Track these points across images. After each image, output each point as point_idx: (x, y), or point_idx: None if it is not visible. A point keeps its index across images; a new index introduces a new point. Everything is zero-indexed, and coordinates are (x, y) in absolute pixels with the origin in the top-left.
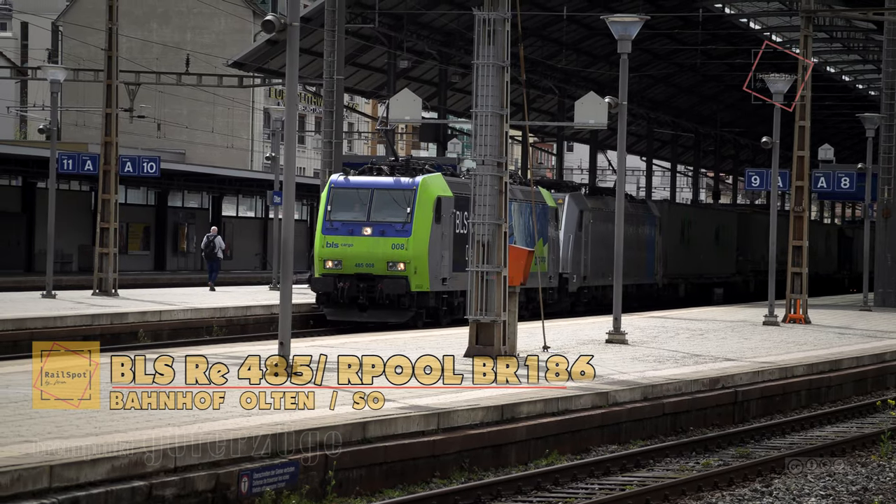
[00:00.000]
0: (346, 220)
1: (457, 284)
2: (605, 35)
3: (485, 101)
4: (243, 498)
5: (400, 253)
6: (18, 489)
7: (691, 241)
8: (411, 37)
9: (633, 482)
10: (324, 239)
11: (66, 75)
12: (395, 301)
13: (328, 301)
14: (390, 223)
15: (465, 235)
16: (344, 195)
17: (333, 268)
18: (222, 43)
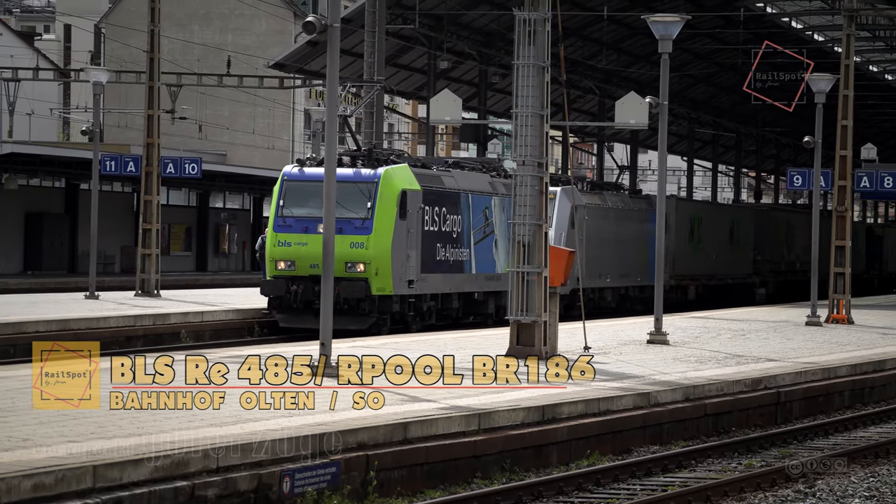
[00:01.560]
0: (300, 216)
1: (426, 287)
2: (645, 35)
3: (525, 101)
4: (285, 498)
5: (359, 252)
6: (62, 489)
7: (702, 240)
8: (451, 37)
9: (675, 483)
10: (275, 237)
11: (108, 77)
12: (355, 306)
13: (280, 306)
14: (348, 219)
15: (436, 233)
16: (298, 189)
17: (286, 269)
18: (263, 44)
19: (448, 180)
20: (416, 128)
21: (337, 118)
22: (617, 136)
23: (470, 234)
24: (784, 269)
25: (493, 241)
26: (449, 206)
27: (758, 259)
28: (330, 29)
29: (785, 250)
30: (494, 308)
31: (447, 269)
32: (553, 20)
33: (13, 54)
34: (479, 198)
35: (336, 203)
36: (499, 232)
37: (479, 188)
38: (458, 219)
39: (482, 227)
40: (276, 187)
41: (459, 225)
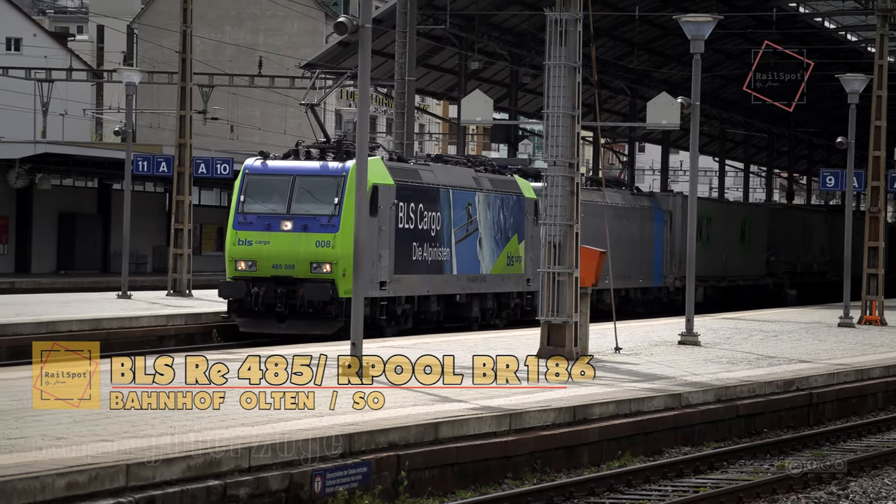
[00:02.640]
0: (262, 212)
1: (400, 289)
2: (677, 35)
3: (556, 101)
4: (316, 498)
5: (325, 252)
6: (96, 487)
7: (711, 240)
8: (482, 38)
9: (707, 484)
10: (235, 235)
11: (140, 78)
12: (320, 309)
13: (241, 309)
14: (314, 216)
15: (411, 231)
16: (260, 183)
17: (247, 270)
18: (294, 45)
19: (426, 174)
20: (447, 128)
21: (368, 118)
22: (648, 137)
23: (450, 233)
24: (800, 270)
25: (476, 240)
26: (427, 202)
27: (772, 260)
28: (361, 29)
29: (801, 251)
30: (479, 311)
31: (424, 269)
32: (584, 20)
33: (47, 55)
34: (460, 193)
35: (300, 199)
36: (483, 230)
37: (461, 183)
38: (437, 216)
39: (464, 224)
40: (236, 181)
41: (438, 222)
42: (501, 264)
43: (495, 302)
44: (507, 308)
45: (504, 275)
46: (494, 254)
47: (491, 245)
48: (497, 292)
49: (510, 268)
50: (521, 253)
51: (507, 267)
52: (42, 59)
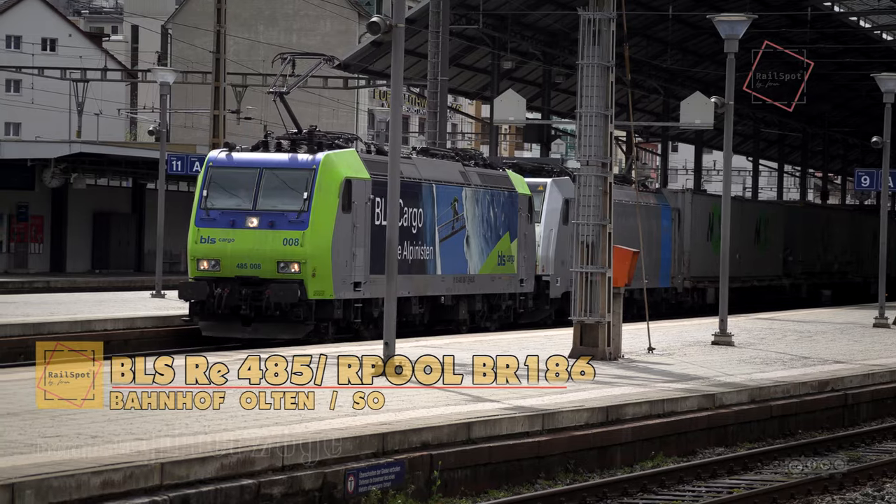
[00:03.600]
0: (227, 208)
1: (377, 290)
2: (711, 34)
3: (589, 101)
4: (350, 497)
5: (293, 250)
6: (131, 486)
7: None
8: (515, 37)
9: (741, 485)
10: (197, 232)
11: (174, 77)
12: (288, 312)
13: (203, 312)
14: (282, 212)
15: None
16: (224, 177)
17: (209, 269)
18: (328, 45)
19: (407, 168)
20: (480, 128)
21: (401, 118)
22: (681, 137)
23: (434, 230)
24: (819, 270)
25: (463, 238)
26: (407, 198)
27: (789, 259)
28: (394, 29)
29: (821, 250)
30: (467, 314)
31: (405, 269)
32: (618, 20)
33: (82, 55)
34: (446, 188)
35: (267, 193)
36: (471, 227)
37: (447, 178)
38: (419, 212)
39: (450, 221)
40: (199, 175)
41: (420, 219)
42: (491, 264)
43: (485, 304)
44: (498, 310)
45: (494, 275)
46: (484, 253)
47: (480, 243)
48: (487, 294)
49: (501, 268)
50: (513, 252)
51: (497, 267)
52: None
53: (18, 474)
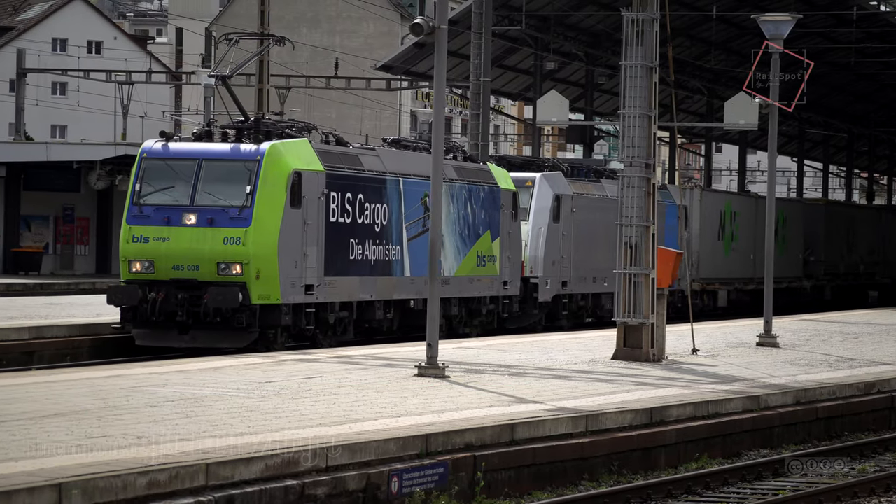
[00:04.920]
0: (162, 204)
1: (333, 294)
2: (755, 34)
3: (633, 102)
4: (393, 498)
5: (235, 250)
6: (176, 486)
7: (737, 238)
8: (558, 38)
9: (787, 487)
10: (129, 231)
11: None
12: (229, 318)
13: (136, 319)
14: (222, 208)
15: (348, 226)
16: (159, 169)
17: (142, 272)
18: (370, 46)
19: (369, 160)
20: (522, 129)
21: (444, 119)
22: (725, 137)
23: (401, 228)
24: (844, 271)
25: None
26: (368, 193)
27: (810, 260)
28: (437, 31)
29: (845, 250)
30: (443, 319)
31: (366, 271)
32: (661, 20)
33: (127, 58)
34: (415, 183)
35: (207, 187)
36: (445, 225)
37: (416, 171)
38: (383, 208)
39: (420, 219)
40: (133, 168)
41: (385, 216)
42: (469, 265)
43: (463, 308)
44: (478, 315)
45: (473, 277)
46: (460, 253)
47: (455, 243)
48: (465, 297)
49: (481, 269)
50: (495, 252)
51: (476, 268)
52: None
53: (65, 474)
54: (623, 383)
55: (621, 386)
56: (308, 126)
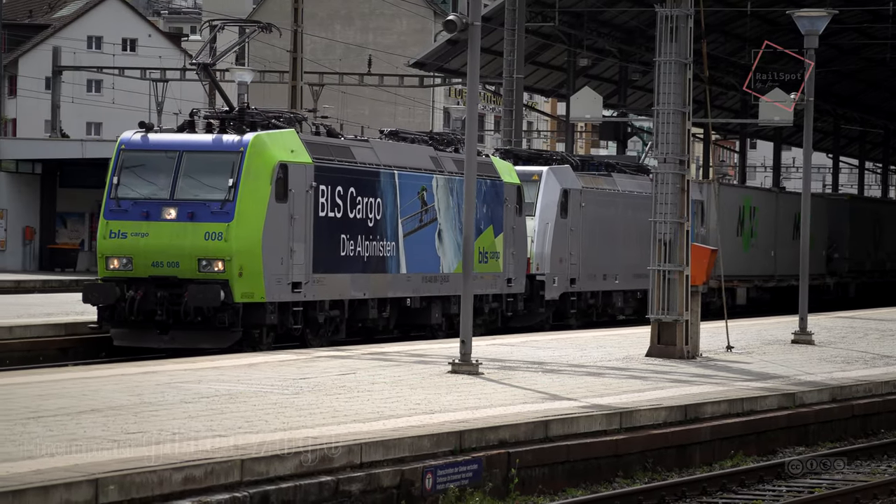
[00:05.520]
0: (140, 197)
1: (322, 292)
2: (790, 30)
3: (666, 98)
4: (427, 495)
5: (217, 246)
6: (211, 482)
7: (756, 234)
8: (591, 35)
9: (822, 485)
10: (106, 226)
11: (252, 77)
12: (211, 317)
13: (114, 318)
14: (203, 202)
15: (339, 221)
16: (138, 161)
17: (120, 269)
18: (403, 43)
19: (361, 153)
20: (555, 126)
21: (477, 116)
22: (759, 134)
23: (397, 223)
24: (869, 268)
25: (435, 233)
26: (361, 186)
27: (834, 257)
28: (471, 27)
29: (871, 247)
30: (441, 318)
31: (358, 267)
32: (695, 16)
33: (161, 55)
34: (411, 176)
35: (187, 180)
36: (444, 220)
37: (414, 164)
38: (377, 202)
39: (417, 213)
40: (111, 160)
41: (379, 210)
42: None
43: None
44: (481, 314)
45: (475, 274)
46: (461, 249)
47: (455, 238)
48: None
49: (483, 266)
50: (498, 248)
51: (478, 265)
52: (157, 59)
53: (102, 469)
54: (657, 380)
55: (655, 383)
56: (298, 117)
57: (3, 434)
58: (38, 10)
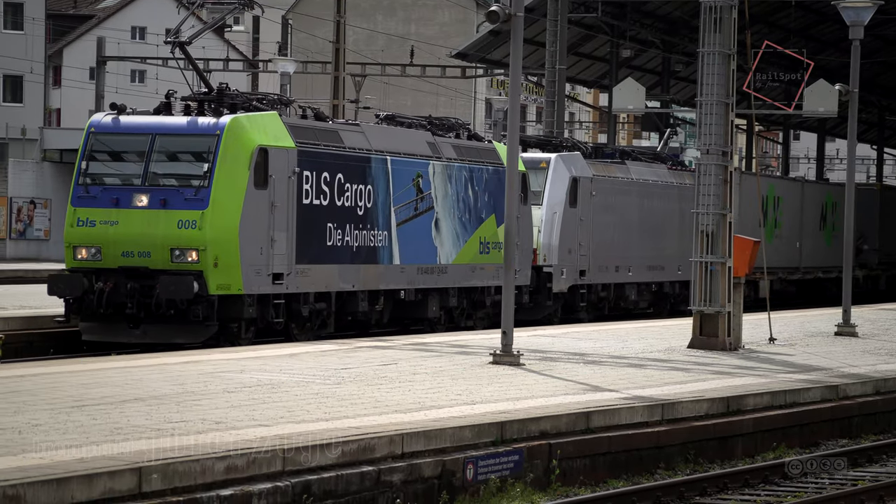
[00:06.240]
0: (110, 183)
1: (306, 283)
2: (835, 21)
3: (710, 89)
4: (469, 485)
5: (190, 235)
6: (254, 472)
7: (781, 224)
8: (634, 25)
9: (866, 477)
10: (74, 213)
11: (295, 68)
12: (185, 310)
13: (82, 311)
14: (177, 188)
15: (325, 209)
16: (108, 145)
17: (89, 259)
18: (446, 34)
19: (350, 137)
20: (597, 117)
21: (519, 107)
22: (803, 125)
23: (389, 212)
24: None
25: (431, 222)
26: (349, 172)
27: (864, 248)
28: (513, 18)
29: None
30: (439, 310)
31: (347, 258)
32: (739, 7)
33: (204, 46)
34: (405, 162)
35: (160, 165)
36: (442, 209)
37: (408, 149)
38: (368, 189)
39: (412, 201)
40: (80, 144)
41: (369, 198)
42: (471, 252)
43: (464, 299)
44: (482, 306)
45: (475, 265)
46: (460, 239)
47: (454, 228)
48: (466, 287)
49: (484, 256)
50: (501, 238)
51: (479, 256)
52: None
53: (145, 458)
54: (699, 372)
55: (697, 374)
56: (284, 99)
57: (48, 422)
58: (83, 1)
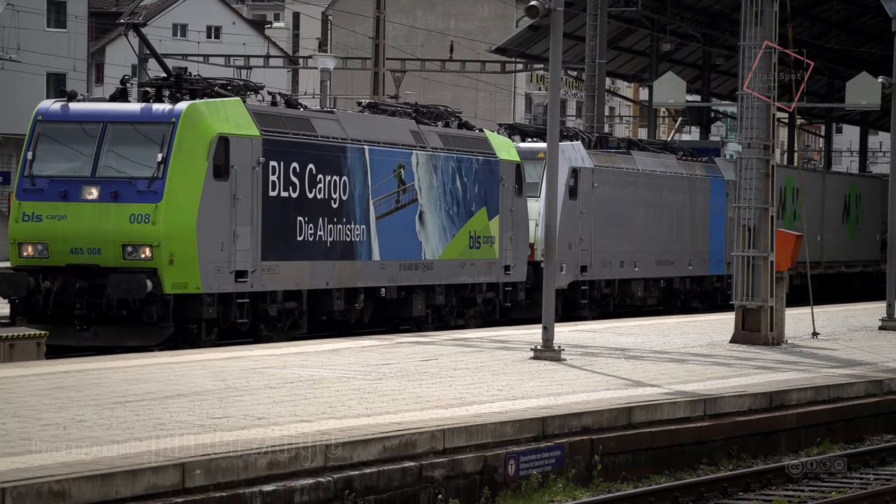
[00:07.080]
0: (58, 175)
1: (273, 281)
2: (877, 13)
3: (751, 83)
4: (510, 480)
5: (143, 230)
6: (296, 467)
7: (798, 217)
8: (674, 19)
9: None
10: (19, 208)
11: (335, 64)
12: (137, 311)
13: (28, 312)
14: (129, 180)
15: (293, 202)
16: (56, 133)
17: (35, 256)
18: (485, 29)
19: (323, 125)
20: (638, 111)
21: (559, 102)
22: (845, 118)
23: (368, 204)
24: None
25: (415, 215)
26: (322, 162)
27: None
28: (553, 13)
29: None
30: (426, 309)
31: (319, 254)
32: (780, 0)
33: (245, 42)
34: (385, 152)
35: (111, 155)
36: (427, 201)
37: (389, 138)
38: (342, 181)
39: (393, 193)
40: (27, 133)
41: (345, 190)
42: (460, 246)
43: (452, 296)
44: (473, 304)
45: (465, 260)
46: (447, 233)
47: (440, 221)
48: (454, 284)
49: (475, 251)
50: (493, 232)
51: (469, 251)
52: (241, 46)
53: (188, 454)
54: (742, 367)
55: (740, 370)
56: (251, 85)
57: (93, 418)
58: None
